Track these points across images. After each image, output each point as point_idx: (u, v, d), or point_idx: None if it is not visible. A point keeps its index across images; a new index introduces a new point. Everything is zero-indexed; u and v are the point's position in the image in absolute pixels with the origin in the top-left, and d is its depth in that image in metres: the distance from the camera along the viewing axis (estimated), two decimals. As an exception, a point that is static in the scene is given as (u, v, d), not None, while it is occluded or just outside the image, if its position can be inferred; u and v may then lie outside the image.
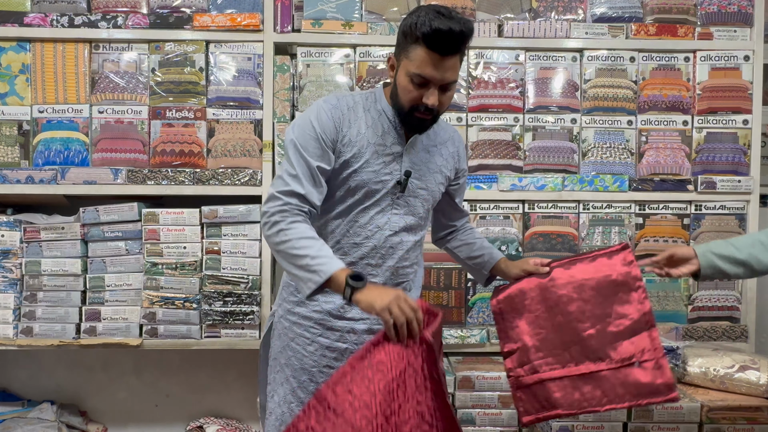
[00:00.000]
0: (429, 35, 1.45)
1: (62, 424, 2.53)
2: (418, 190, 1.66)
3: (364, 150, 1.59)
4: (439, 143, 1.72)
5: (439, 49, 1.46)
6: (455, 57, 1.50)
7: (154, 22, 2.39)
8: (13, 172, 2.36)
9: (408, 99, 1.53)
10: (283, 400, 1.68)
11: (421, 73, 1.49)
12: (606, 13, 2.48)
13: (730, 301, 2.49)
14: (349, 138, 1.58)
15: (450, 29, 1.44)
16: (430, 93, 1.51)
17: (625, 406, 1.70)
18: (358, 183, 1.60)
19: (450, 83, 1.53)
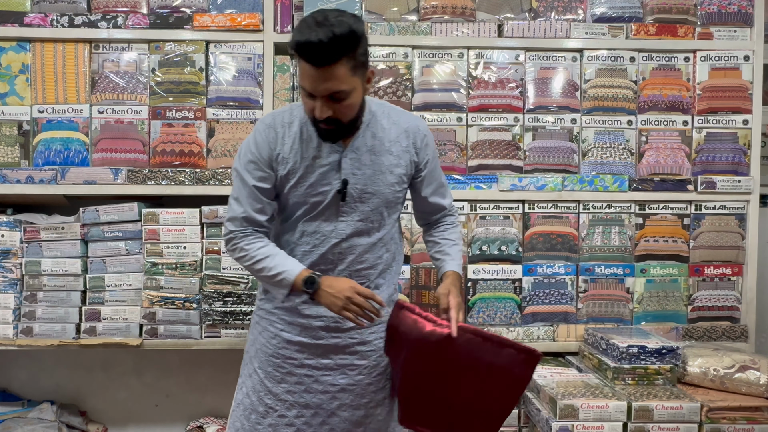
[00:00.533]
0: (296, 48, 1.42)
1: (62, 424, 2.53)
2: (365, 195, 1.64)
3: (298, 165, 1.61)
4: (389, 141, 1.66)
5: (311, 61, 1.42)
6: (333, 67, 1.42)
7: (154, 22, 2.39)
8: (13, 172, 2.36)
9: (306, 111, 1.54)
10: (251, 390, 1.74)
11: (303, 85, 1.48)
12: (606, 13, 2.48)
13: (730, 301, 2.49)
14: (283, 155, 1.61)
15: (308, 41, 1.39)
16: (317, 105, 1.47)
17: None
18: (298, 198, 1.64)
19: (337, 93, 1.46)
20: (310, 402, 1.71)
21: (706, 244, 2.49)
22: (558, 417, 1.95)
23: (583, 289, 2.47)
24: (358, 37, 1.44)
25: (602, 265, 2.47)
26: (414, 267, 2.44)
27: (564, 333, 2.45)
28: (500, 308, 2.45)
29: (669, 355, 2.13)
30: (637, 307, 2.48)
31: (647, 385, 2.11)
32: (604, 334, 2.25)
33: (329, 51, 1.40)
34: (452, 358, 1.55)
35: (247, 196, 1.63)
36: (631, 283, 2.47)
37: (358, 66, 1.48)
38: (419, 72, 2.45)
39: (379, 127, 1.65)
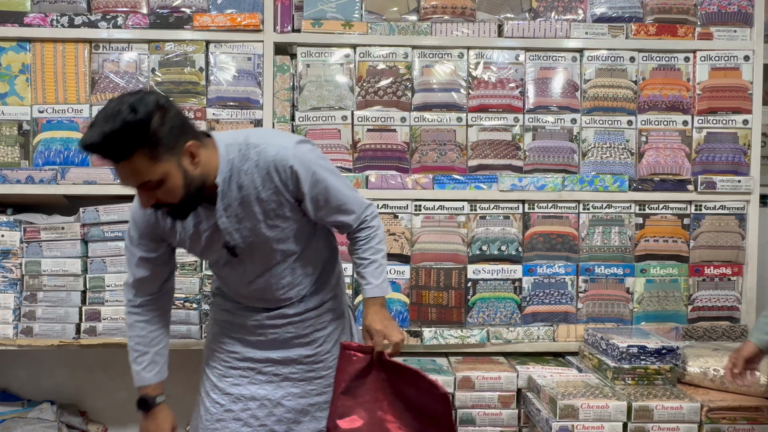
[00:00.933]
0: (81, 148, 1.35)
1: (62, 424, 2.53)
2: (254, 245, 1.62)
3: (183, 236, 1.62)
4: (256, 188, 1.55)
5: (107, 157, 1.35)
6: (129, 161, 1.34)
7: (154, 22, 2.39)
8: (13, 172, 2.36)
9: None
10: (201, 388, 1.84)
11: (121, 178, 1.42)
12: (606, 13, 2.48)
13: (730, 301, 2.49)
14: (167, 231, 1.63)
15: (84, 145, 1.32)
16: (138, 195, 1.44)
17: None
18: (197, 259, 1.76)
19: (146, 183, 1.39)
20: (256, 394, 1.75)
21: (706, 244, 2.49)
22: (558, 417, 1.95)
23: (583, 289, 2.47)
24: (146, 125, 1.32)
25: (602, 265, 2.47)
26: (414, 267, 2.44)
27: (564, 333, 2.45)
28: (500, 308, 2.45)
29: (669, 355, 2.13)
30: (637, 307, 2.48)
31: (647, 385, 2.11)
32: (604, 334, 2.25)
33: (115, 150, 1.33)
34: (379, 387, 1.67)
35: (136, 266, 1.67)
36: (631, 283, 2.47)
37: (163, 150, 1.37)
38: (419, 72, 2.45)
39: (243, 175, 1.53)
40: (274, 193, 1.55)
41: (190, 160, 1.44)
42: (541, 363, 2.39)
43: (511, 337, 2.44)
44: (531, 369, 2.30)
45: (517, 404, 2.25)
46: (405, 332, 2.41)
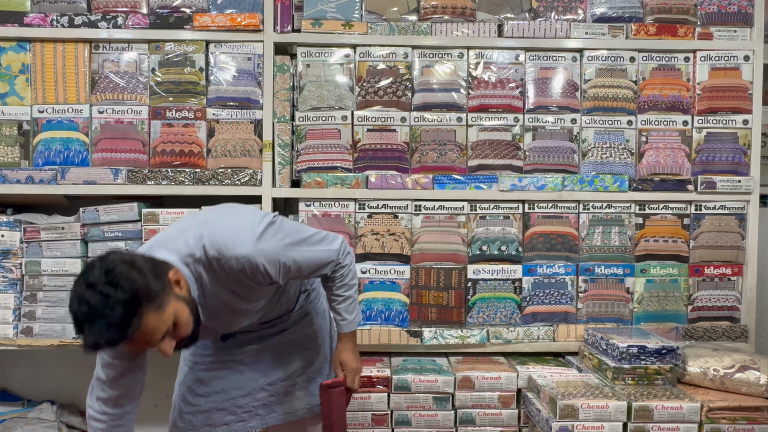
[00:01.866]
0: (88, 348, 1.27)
1: (62, 424, 2.53)
2: (234, 324, 1.67)
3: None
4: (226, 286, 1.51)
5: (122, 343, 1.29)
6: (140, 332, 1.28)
7: (154, 22, 2.39)
8: (13, 172, 2.36)
9: None
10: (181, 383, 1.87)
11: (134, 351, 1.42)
12: (606, 13, 2.48)
13: (730, 301, 2.49)
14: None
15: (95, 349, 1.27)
16: (162, 348, 1.36)
17: None
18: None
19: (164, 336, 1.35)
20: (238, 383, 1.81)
21: (706, 244, 2.49)
22: (558, 417, 1.95)
23: (583, 289, 2.47)
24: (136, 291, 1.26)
25: (602, 265, 2.47)
26: (414, 267, 2.44)
27: (564, 333, 2.45)
28: (500, 308, 2.45)
29: (669, 355, 2.13)
30: (637, 307, 2.48)
31: (647, 385, 2.11)
32: (604, 334, 2.25)
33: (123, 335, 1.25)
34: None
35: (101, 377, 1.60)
36: (631, 283, 2.47)
37: (162, 295, 1.32)
38: (419, 72, 2.45)
39: (211, 281, 1.49)
40: (247, 285, 1.52)
41: (179, 288, 1.39)
42: (541, 363, 2.39)
43: (511, 337, 2.44)
44: (531, 369, 2.30)
45: (517, 404, 2.25)
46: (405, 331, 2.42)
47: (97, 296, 1.23)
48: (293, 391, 1.86)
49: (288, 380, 1.86)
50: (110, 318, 1.22)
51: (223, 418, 1.81)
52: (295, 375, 1.86)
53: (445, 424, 2.23)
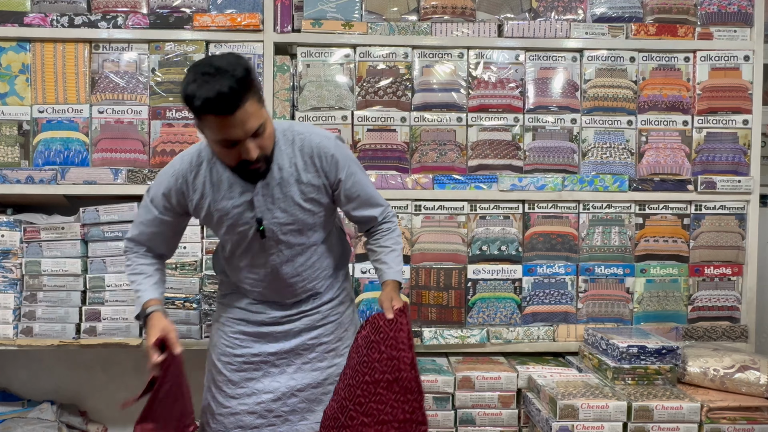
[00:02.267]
0: (204, 104, 1.41)
1: (62, 424, 2.53)
2: (284, 227, 1.68)
3: (213, 211, 1.67)
4: (297, 171, 1.65)
5: (223, 112, 1.42)
6: (245, 107, 1.43)
7: (154, 22, 2.39)
8: (13, 172, 2.36)
9: (230, 160, 1.55)
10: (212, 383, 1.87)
11: (224, 137, 1.47)
12: (606, 13, 2.48)
13: (730, 301, 2.49)
14: (196, 203, 1.68)
15: (219, 93, 1.39)
16: (245, 148, 1.48)
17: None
18: (222, 237, 1.72)
19: (257, 129, 1.48)
20: (269, 386, 1.79)
21: (706, 244, 2.49)
22: (558, 417, 1.95)
23: (583, 289, 2.47)
24: (251, 72, 1.46)
25: (602, 265, 2.47)
26: (414, 267, 2.44)
27: (564, 333, 2.45)
28: (500, 308, 2.45)
29: (669, 355, 2.13)
30: (637, 307, 2.48)
31: (647, 385, 2.11)
32: (604, 334, 2.25)
33: (238, 96, 1.41)
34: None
35: (145, 224, 1.73)
36: (631, 283, 2.47)
37: (259, 97, 1.51)
38: (419, 72, 2.45)
39: (284, 158, 1.64)
40: (315, 176, 1.66)
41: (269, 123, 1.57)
42: (541, 363, 2.39)
43: (511, 337, 2.44)
44: (531, 369, 2.30)
45: (517, 404, 2.25)
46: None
47: (224, 60, 1.43)
48: (324, 399, 1.81)
49: (319, 387, 1.82)
50: (236, 74, 1.40)
51: (253, 421, 1.79)
52: (326, 383, 1.82)
53: (445, 424, 2.23)
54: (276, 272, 1.74)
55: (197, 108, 1.42)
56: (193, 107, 1.43)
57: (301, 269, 1.76)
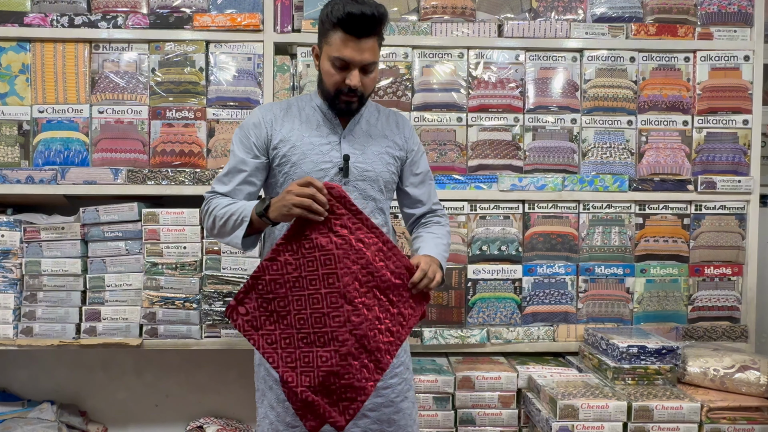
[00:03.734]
0: (344, 19, 1.54)
1: (62, 424, 2.53)
2: (366, 173, 1.69)
3: (298, 144, 1.68)
4: (381, 127, 1.77)
5: (354, 32, 1.55)
6: (371, 39, 1.58)
7: (154, 22, 2.39)
8: (13, 172, 2.36)
9: (332, 83, 1.62)
10: (276, 401, 1.71)
11: (341, 56, 1.57)
12: (606, 13, 2.48)
13: (730, 301, 2.49)
14: (282, 135, 1.69)
15: (362, 13, 1.53)
16: (352, 74, 1.59)
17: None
18: (300, 175, 1.66)
19: (369, 64, 1.60)
20: None
21: (706, 244, 2.49)
22: (558, 417, 1.95)
23: (583, 289, 2.47)
24: (387, 21, 1.62)
25: (602, 265, 2.47)
26: (414, 267, 2.43)
27: (564, 333, 2.45)
28: (500, 308, 2.45)
29: (669, 355, 2.13)
30: (637, 307, 2.48)
31: (647, 385, 2.11)
32: (604, 334, 2.25)
33: (373, 24, 1.55)
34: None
35: (232, 171, 1.69)
36: (631, 283, 2.47)
37: (381, 45, 1.65)
38: (419, 72, 2.45)
39: (371, 116, 1.77)
40: (399, 136, 1.77)
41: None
42: (541, 363, 2.39)
43: (511, 337, 2.44)
44: (531, 369, 2.30)
45: (517, 404, 2.25)
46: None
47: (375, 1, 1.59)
48: (397, 420, 1.72)
49: (391, 406, 1.73)
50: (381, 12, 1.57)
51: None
52: (397, 400, 1.73)
53: (445, 424, 2.23)
54: None
55: (337, 18, 1.54)
56: (330, 18, 1.55)
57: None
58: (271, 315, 1.52)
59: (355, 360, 1.51)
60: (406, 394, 1.76)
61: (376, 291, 1.54)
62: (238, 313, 1.53)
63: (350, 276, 1.50)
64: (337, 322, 1.49)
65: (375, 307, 1.53)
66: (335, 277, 1.49)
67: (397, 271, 1.56)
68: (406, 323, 1.58)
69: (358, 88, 1.60)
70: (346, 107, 1.65)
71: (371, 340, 1.51)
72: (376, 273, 1.53)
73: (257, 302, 1.52)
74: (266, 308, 1.52)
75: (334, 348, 1.50)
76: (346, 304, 1.49)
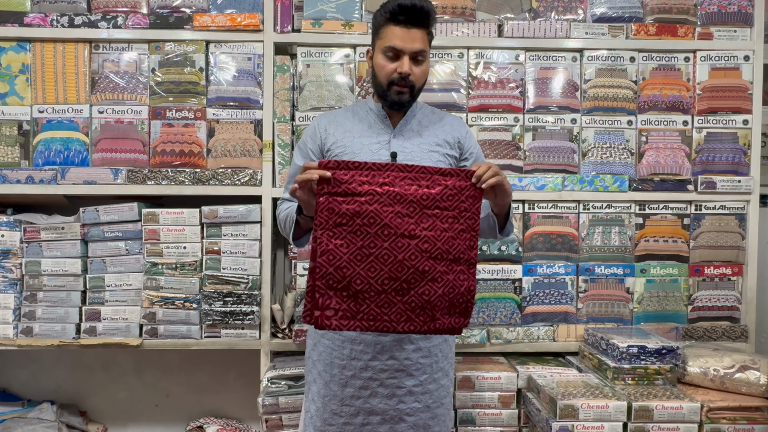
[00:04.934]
0: (395, 11, 1.64)
1: (62, 424, 2.53)
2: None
3: (349, 144, 1.73)
4: (433, 124, 1.79)
5: (405, 22, 1.64)
6: (421, 30, 1.66)
7: (154, 22, 2.39)
8: (13, 172, 2.36)
9: (384, 74, 1.69)
10: (316, 395, 1.73)
11: (392, 44, 1.65)
12: (606, 13, 2.48)
13: (730, 301, 2.49)
14: (336, 137, 1.75)
15: (413, 3, 1.63)
16: (403, 62, 1.66)
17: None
18: None
19: (420, 53, 1.67)
20: (376, 408, 1.68)
21: (706, 244, 2.49)
22: (558, 417, 1.95)
23: (583, 289, 2.47)
24: (435, 16, 1.70)
25: (602, 265, 2.47)
26: (414, 267, 2.44)
27: (564, 333, 2.45)
28: (500, 308, 2.45)
29: (669, 355, 2.13)
30: (637, 307, 2.48)
31: (647, 385, 2.11)
32: (604, 334, 2.25)
33: (422, 14, 1.64)
34: None
35: (293, 178, 1.75)
36: (631, 283, 2.47)
37: (431, 41, 1.72)
38: (419, 72, 2.45)
39: (424, 116, 1.81)
40: (450, 135, 1.79)
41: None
42: (541, 363, 2.39)
43: (511, 337, 2.44)
44: (531, 369, 2.30)
45: (517, 404, 2.25)
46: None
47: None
48: (432, 426, 1.71)
49: (427, 411, 1.71)
50: (430, 6, 1.67)
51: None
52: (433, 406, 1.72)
53: (445, 424, 2.23)
54: None
55: (389, 11, 1.64)
56: (383, 13, 1.66)
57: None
58: (357, 296, 1.49)
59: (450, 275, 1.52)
60: (442, 400, 1.74)
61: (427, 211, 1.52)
62: (328, 318, 1.49)
63: (398, 217, 1.50)
64: (414, 258, 1.50)
65: (437, 222, 1.52)
66: (386, 227, 1.49)
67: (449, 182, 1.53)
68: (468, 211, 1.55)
69: (409, 75, 1.66)
70: (398, 98, 1.69)
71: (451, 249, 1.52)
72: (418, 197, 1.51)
73: (338, 295, 1.49)
74: (348, 293, 1.49)
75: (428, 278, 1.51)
76: (410, 240, 1.50)
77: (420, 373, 1.70)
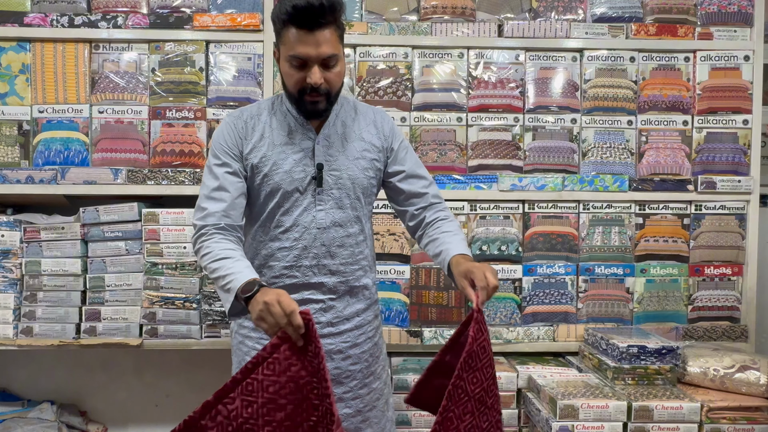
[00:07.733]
0: (292, 14, 1.44)
1: (62, 424, 2.53)
2: (340, 181, 1.62)
3: (269, 153, 1.60)
4: (359, 128, 1.67)
5: (305, 25, 1.45)
6: (327, 30, 1.47)
7: (154, 22, 2.39)
8: (13, 172, 2.36)
9: (293, 83, 1.53)
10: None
11: (296, 53, 1.48)
12: (606, 13, 2.48)
13: (730, 301, 2.49)
14: (254, 144, 1.61)
15: (309, 3, 1.43)
16: (312, 72, 1.49)
17: None
18: (272, 186, 1.60)
19: (329, 58, 1.49)
20: None
21: (706, 244, 2.49)
22: (558, 417, 1.95)
23: (583, 289, 2.47)
24: (342, 8, 1.51)
25: (602, 265, 2.47)
26: (414, 267, 2.44)
27: (564, 333, 2.45)
28: (500, 308, 2.45)
29: (669, 355, 2.13)
30: (637, 307, 2.48)
31: (647, 385, 2.11)
32: (604, 334, 2.25)
33: (322, 13, 1.45)
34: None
35: (215, 190, 1.58)
36: (631, 283, 2.47)
37: (341, 35, 1.55)
38: (419, 72, 2.45)
39: (348, 116, 1.68)
40: (377, 138, 1.69)
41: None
42: (541, 363, 2.39)
43: (511, 337, 2.44)
44: (531, 369, 2.30)
45: (517, 404, 2.25)
46: (405, 332, 2.42)
47: None
48: (363, 428, 1.71)
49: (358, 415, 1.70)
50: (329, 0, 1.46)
51: None
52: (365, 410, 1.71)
53: (445, 424, 2.22)
54: (320, 235, 1.62)
55: (286, 14, 1.45)
56: (280, 16, 1.47)
57: (346, 240, 1.64)
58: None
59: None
60: (374, 403, 1.73)
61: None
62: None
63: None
64: None
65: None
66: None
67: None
68: None
69: (320, 85, 1.49)
70: (312, 108, 1.55)
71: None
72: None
73: None
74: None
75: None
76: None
77: (350, 380, 1.68)
